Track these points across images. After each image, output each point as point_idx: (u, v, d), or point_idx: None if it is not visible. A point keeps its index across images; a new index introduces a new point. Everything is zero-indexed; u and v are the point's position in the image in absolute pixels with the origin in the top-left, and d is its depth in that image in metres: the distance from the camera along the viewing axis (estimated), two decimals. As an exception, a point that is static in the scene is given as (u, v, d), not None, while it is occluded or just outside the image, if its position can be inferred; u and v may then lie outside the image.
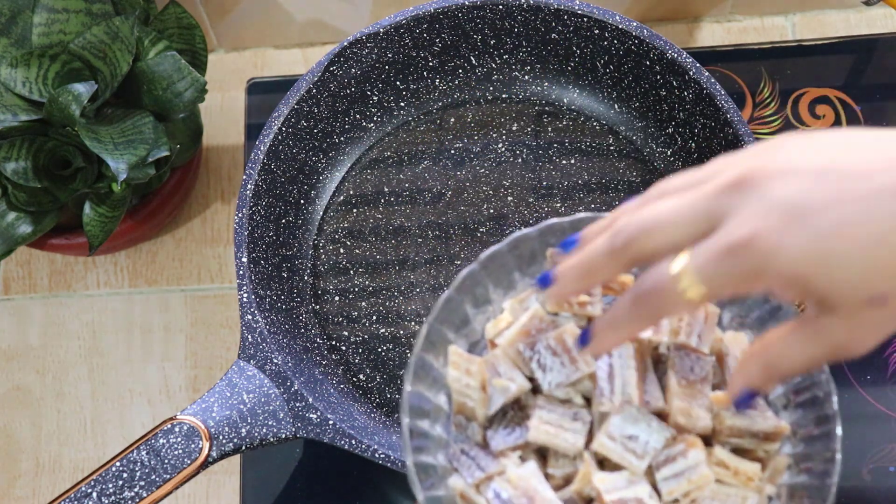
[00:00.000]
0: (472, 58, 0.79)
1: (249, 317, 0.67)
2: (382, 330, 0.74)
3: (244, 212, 0.69)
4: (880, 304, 0.36)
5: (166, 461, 0.61)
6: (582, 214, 0.46)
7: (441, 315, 0.46)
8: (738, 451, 0.45)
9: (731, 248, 0.36)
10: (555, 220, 0.46)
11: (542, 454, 0.45)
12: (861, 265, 0.35)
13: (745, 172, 0.37)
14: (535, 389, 0.45)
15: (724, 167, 0.38)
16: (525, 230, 0.46)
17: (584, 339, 0.42)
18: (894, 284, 0.35)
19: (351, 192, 0.78)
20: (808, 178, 0.36)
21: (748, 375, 0.40)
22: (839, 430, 0.43)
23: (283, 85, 0.81)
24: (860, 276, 0.35)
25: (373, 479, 0.75)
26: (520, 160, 0.78)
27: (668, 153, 0.77)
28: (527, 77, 0.80)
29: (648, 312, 0.39)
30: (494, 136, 0.79)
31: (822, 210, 0.35)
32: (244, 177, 0.71)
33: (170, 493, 0.61)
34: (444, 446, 0.46)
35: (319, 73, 0.73)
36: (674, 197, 0.38)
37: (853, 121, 0.85)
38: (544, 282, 0.42)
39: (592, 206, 0.77)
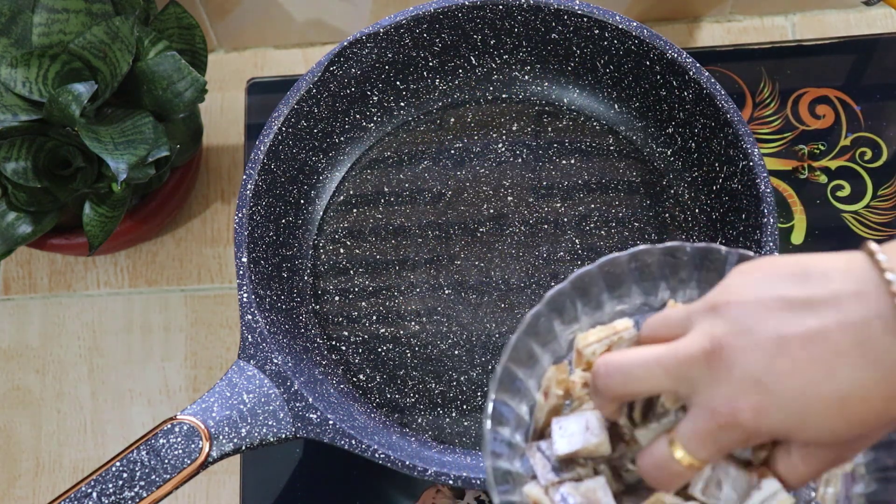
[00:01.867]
0: (472, 58, 0.79)
1: (249, 317, 0.67)
2: (382, 330, 0.74)
3: (244, 212, 0.69)
4: (862, 440, 0.41)
5: (166, 461, 0.61)
6: (673, 244, 0.48)
7: (529, 329, 0.47)
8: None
9: (716, 429, 0.40)
10: (645, 246, 0.48)
11: (616, 468, 0.46)
12: (833, 421, 0.39)
13: (714, 347, 0.40)
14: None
15: (694, 322, 0.42)
16: (615, 254, 0.48)
17: None
18: (865, 427, 0.39)
19: (351, 192, 0.78)
20: (770, 350, 0.39)
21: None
22: None
23: (283, 85, 0.81)
24: (834, 429, 0.39)
25: (373, 479, 0.75)
26: (520, 160, 0.78)
27: (668, 153, 0.77)
28: (527, 77, 0.80)
29: (663, 485, 0.43)
30: (494, 136, 0.79)
31: (789, 381, 0.38)
32: (244, 177, 0.70)
33: (170, 493, 0.61)
34: (522, 455, 0.47)
35: (319, 73, 0.73)
36: (653, 347, 0.42)
37: (853, 120, 0.85)
38: None
39: (592, 205, 0.77)
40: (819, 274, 0.39)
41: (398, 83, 0.79)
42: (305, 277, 0.76)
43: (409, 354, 0.74)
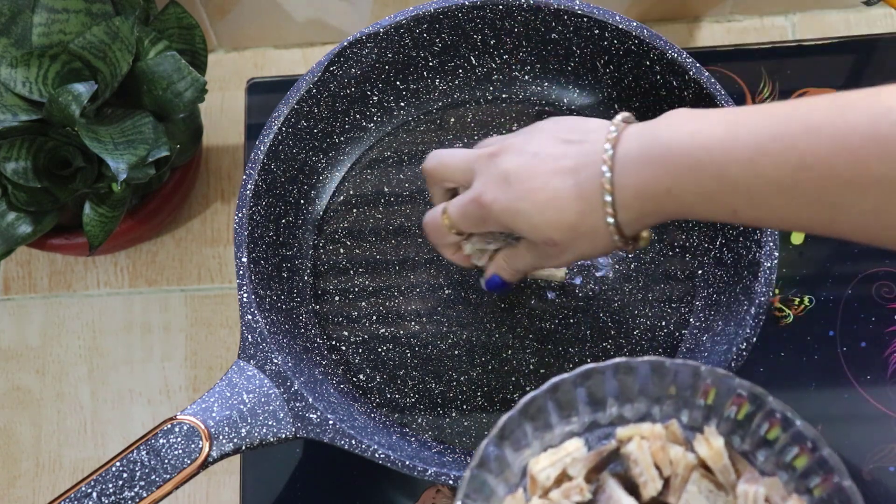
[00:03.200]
0: (472, 58, 0.79)
1: (249, 317, 0.67)
2: (382, 330, 0.74)
3: (244, 212, 0.69)
4: (552, 245, 0.55)
5: (166, 461, 0.61)
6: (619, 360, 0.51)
7: (481, 462, 0.48)
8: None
9: (466, 202, 0.58)
10: (591, 365, 0.50)
11: None
12: (536, 221, 0.54)
13: (498, 148, 0.57)
14: None
15: (496, 143, 0.58)
16: (563, 376, 0.50)
17: (490, 285, 0.65)
18: (558, 234, 0.54)
19: (351, 192, 0.78)
20: (524, 156, 0.54)
21: (494, 268, 0.64)
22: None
23: (283, 85, 0.81)
24: (535, 228, 0.54)
25: (373, 479, 0.75)
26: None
27: (668, 153, 0.77)
28: (527, 77, 0.80)
29: (435, 239, 0.64)
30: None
31: (523, 180, 0.54)
32: (244, 177, 0.70)
33: (170, 493, 0.61)
34: None
35: (319, 73, 0.73)
36: (458, 153, 0.60)
37: (853, 121, 0.85)
38: (494, 285, 0.65)
39: (592, 206, 0.77)
40: (587, 129, 0.54)
41: (398, 83, 0.79)
42: (305, 277, 0.76)
43: (409, 354, 0.74)
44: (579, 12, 0.73)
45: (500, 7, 0.74)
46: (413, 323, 0.74)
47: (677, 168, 0.48)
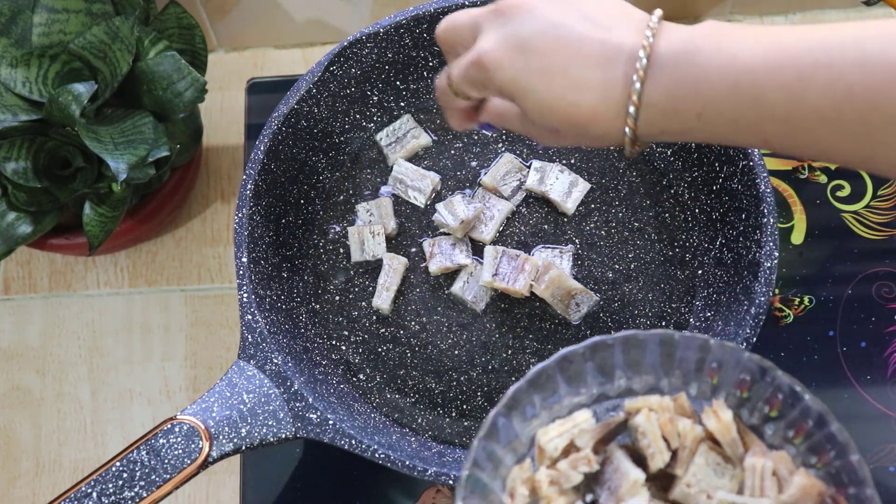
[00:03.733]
0: (472, 58, 0.79)
1: (249, 317, 0.67)
2: (382, 330, 0.74)
3: (244, 212, 0.69)
4: (554, 132, 0.50)
5: (166, 461, 0.61)
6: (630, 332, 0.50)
7: (489, 432, 0.48)
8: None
9: (467, 62, 0.50)
10: (600, 338, 0.49)
11: None
12: (544, 105, 0.48)
13: (504, 5, 0.49)
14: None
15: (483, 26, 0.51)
16: (571, 348, 0.49)
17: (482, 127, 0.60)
18: (564, 125, 0.48)
19: (351, 192, 0.78)
20: (542, 23, 0.47)
21: (486, 115, 0.58)
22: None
23: (283, 85, 0.81)
24: (542, 111, 0.48)
25: (373, 479, 0.75)
26: (519, 161, 0.78)
27: (668, 153, 0.77)
28: (527, 77, 0.80)
29: (443, 102, 0.57)
30: (494, 135, 0.79)
31: (539, 54, 0.47)
32: (244, 177, 0.71)
33: (170, 493, 0.61)
34: None
35: (319, 73, 0.73)
36: (466, 11, 0.53)
37: (853, 121, 0.85)
38: (484, 127, 0.60)
39: (592, 205, 0.77)
40: (617, 14, 0.48)
41: (398, 83, 0.79)
42: (305, 277, 0.76)
43: (409, 354, 0.74)
44: (579, 12, 0.73)
45: (500, 7, 0.74)
46: (413, 323, 0.74)
47: (714, 91, 0.44)
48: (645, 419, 0.47)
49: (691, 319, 0.73)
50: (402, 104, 0.80)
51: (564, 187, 0.76)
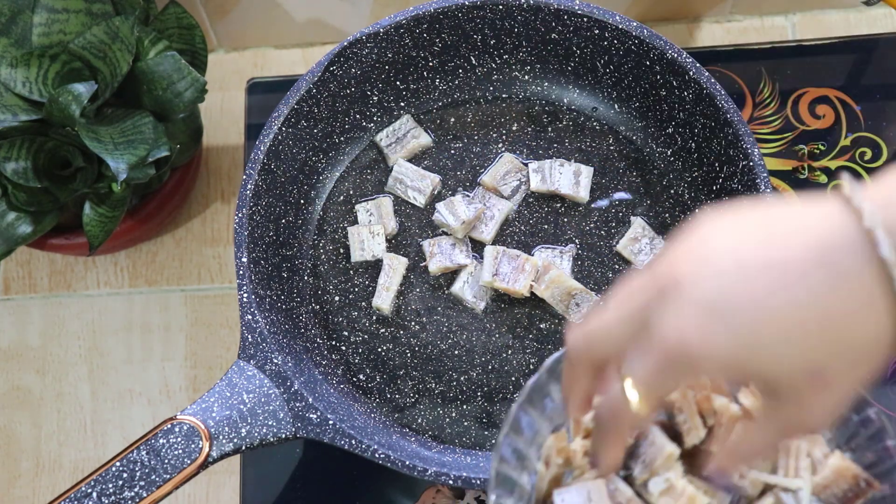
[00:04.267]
0: (472, 58, 0.79)
1: (249, 317, 0.67)
2: (382, 330, 0.74)
3: (244, 212, 0.69)
4: (819, 376, 0.37)
5: (166, 461, 0.61)
6: None
7: (528, 399, 0.48)
8: None
9: (662, 358, 0.38)
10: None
11: None
12: (790, 344, 0.36)
13: (668, 280, 0.38)
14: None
15: (652, 268, 0.40)
16: None
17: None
18: (827, 353, 0.37)
19: (351, 192, 0.78)
20: (725, 276, 0.37)
21: (717, 459, 0.44)
22: None
23: (283, 85, 0.81)
24: (791, 354, 0.37)
25: (373, 479, 0.75)
26: (519, 160, 0.78)
27: (668, 153, 0.77)
28: (527, 77, 0.80)
29: (614, 428, 0.43)
30: (494, 136, 0.79)
31: (742, 306, 0.37)
32: (244, 177, 0.70)
33: (170, 493, 0.61)
34: (528, 499, 0.48)
35: (319, 73, 0.73)
36: (610, 308, 0.41)
37: (853, 120, 0.85)
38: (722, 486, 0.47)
39: (592, 206, 0.77)
40: (780, 215, 0.38)
41: (398, 83, 0.79)
42: (305, 277, 0.76)
43: (409, 354, 0.74)
44: (579, 12, 0.73)
45: (500, 7, 0.74)
46: (413, 323, 0.74)
47: None
48: (681, 395, 0.47)
49: (691, 319, 0.73)
50: (402, 104, 0.80)
51: (570, 178, 0.76)
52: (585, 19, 0.74)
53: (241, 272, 0.68)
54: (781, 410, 0.39)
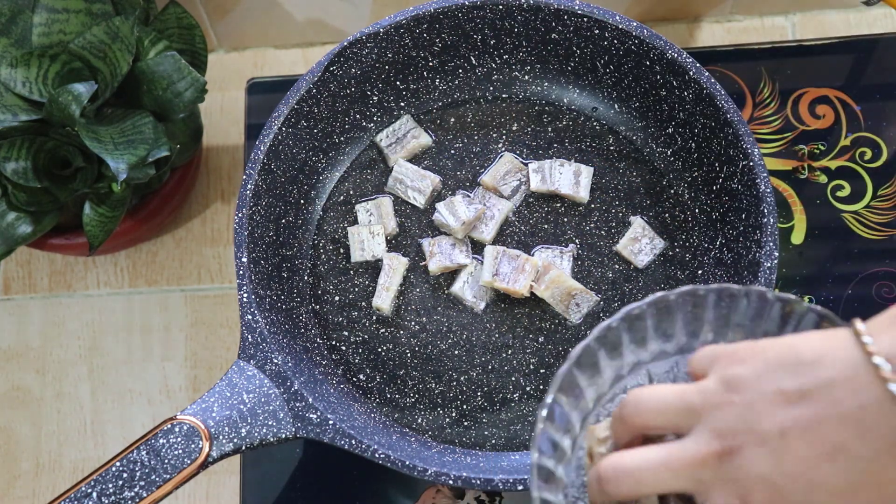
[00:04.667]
0: (472, 58, 0.79)
1: (249, 317, 0.67)
2: (382, 330, 0.74)
3: (244, 212, 0.69)
4: None
5: (166, 461, 0.61)
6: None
7: (577, 363, 0.47)
8: None
9: None
10: (695, 286, 0.48)
11: None
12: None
13: (722, 448, 0.41)
14: None
15: (703, 412, 0.42)
16: (634, 304, 0.48)
17: None
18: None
19: (351, 192, 0.78)
20: (775, 445, 0.40)
21: None
22: None
23: (283, 85, 0.81)
24: None
25: (373, 479, 0.75)
26: (519, 160, 0.78)
27: (668, 153, 0.77)
28: (527, 77, 0.80)
29: None
30: (494, 136, 0.79)
31: (795, 478, 0.39)
32: (244, 177, 0.70)
33: (170, 493, 0.61)
34: (564, 488, 0.48)
35: (319, 73, 0.73)
36: (657, 447, 0.43)
37: (853, 120, 0.85)
38: None
39: (592, 206, 0.77)
40: (810, 361, 0.40)
41: (398, 83, 0.79)
42: (305, 277, 0.76)
43: (409, 354, 0.74)
44: (579, 12, 0.73)
45: (500, 7, 0.74)
46: (413, 323, 0.74)
47: None
48: None
49: (691, 319, 0.73)
50: (402, 104, 0.80)
51: (571, 178, 0.76)
52: (585, 19, 0.74)
53: (241, 272, 0.68)
54: None
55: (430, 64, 0.78)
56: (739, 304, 0.48)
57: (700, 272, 0.74)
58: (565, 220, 0.76)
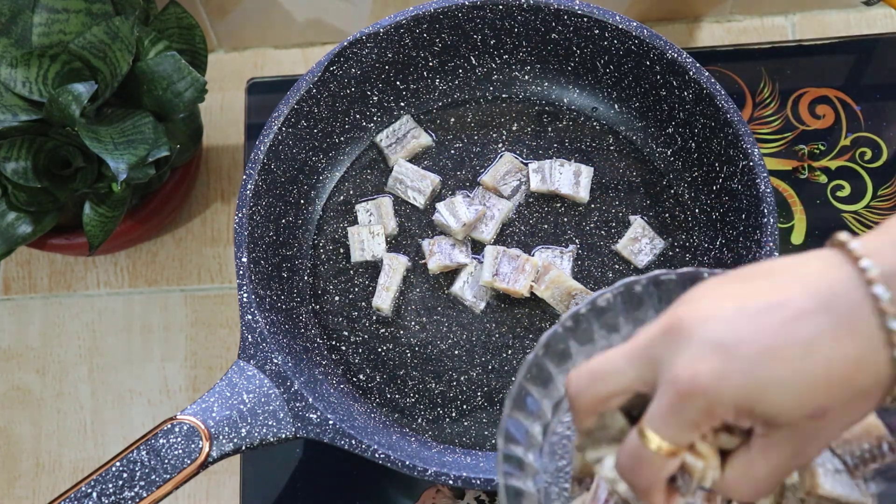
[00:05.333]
0: (472, 58, 0.79)
1: (249, 317, 0.67)
2: (382, 330, 0.74)
3: (244, 212, 0.69)
4: (820, 416, 0.38)
5: (166, 461, 0.61)
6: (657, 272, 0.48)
7: (546, 350, 0.47)
8: None
9: (678, 399, 0.39)
10: (631, 278, 0.48)
11: None
12: (795, 385, 0.38)
13: (673, 321, 0.40)
14: None
15: (657, 320, 0.41)
16: (603, 291, 0.48)
17: None
18: (829, 397, 0.38)
19: (351, 192, 0.78)
20: (731, 317, 0.38)
21: (726, 491, 0.43)
22: None
23: (283, 85, 0.81)
24: (797, 395, 0.38)
25: (373, 479, 0.75)
26: (519, 160, 0.78)
27: (668, 153, 0.77)
28: (527, 77, 0.80)
29: (642, 482, 0.41)
30: (494, 136, 0.79)
31: (749, 342, 0.38)
32: (244, 177, 0.71)
33: (170, 493, 0.61)
34: (534, 474, 0.48)
35: (319, 73, 0.73)
36: (615, 349, 0.42)
37: (853, 120, 0.85)
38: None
39: (592, 205, 0.77)
40: (774, 268, 0.40)
41: (398, 83, 0.79)
42: (305, 277, 0.76)
43: (409, 354, 0.74)
44: (579, 12, 0.73)
45: (500, 7, 0.74)
46: (413, 323, 0.74)
47: None
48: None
49: (691, 319, 0.73)
50: (402, 104, 0.80)
51: (570, 178, 0.76)
52: (585, 19, 0.74)
53: (241, 272, 0.68)
54: (780, 444, 0.40)
55: (430, 64, 0.78)
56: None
57: (700, 272, 0.74)
58: (565, 220, 0.76)
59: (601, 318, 0.48)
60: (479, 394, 0.72)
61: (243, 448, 0.63)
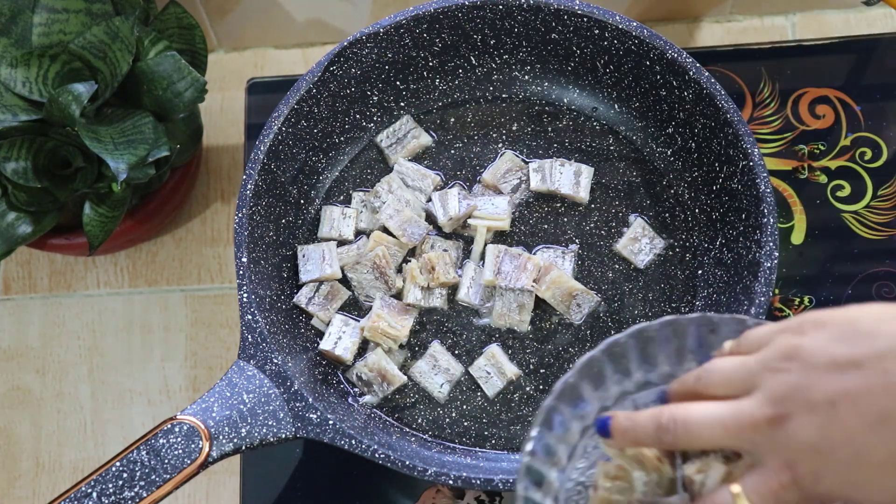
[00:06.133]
0: (472, 58, 0.79)
1: (249, 317, 0.67)
2: (382, 330, 0.74)
3: (244, 212, 0.69)
4: None
5: (166, 461, 0.61)
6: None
7: (561, 395, 0.48)
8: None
9: (778, 489, 0.43)
10: (645, 324, 0.49)
11: None
12: (886, 481, 0.41)
13: (775, 414, 0.42)
14: None
15: (761, 379, 0.43)
16: (616, 336, 0.49)
17: (602, 429, 0.48)
18: None
19: (351, 192, 0.78)
20: (824, 416, 0.41)
21: None
22: None
23: (283, 85, 0.81)
24: (887, 493, 0.41)
25: (373, 479, 0.75)
26: (520, 159, 0.78)
27: (668, 153, 0.77)
28: (527, 77, 0.80)
29: None
30: (494, 136, 0.79)
31: (841, 446, 0.41)
32: (244, 177, 0.71)
33: (170, 493, 0.61)
34: (555, 493, 0.48)
35: (319, 73, 0.73)
36: (716, 406, 0.44)
37: (853, 120, 0.85)
38: (602, 428, 0.48)
39: (592, 206, 0.77)
40: (867, 332, 0.41)
41: (398, 83, 0.79)
42: (305, 277, 0.76)
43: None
44: (579, 12, 0.73)
45: (500, 7, 0.74)
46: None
47: None
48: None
49: (691, 319, 0.73)
50: (402, 104, 0.80)
51: (571, 178, 0.76)
52: (585, 19, 0.74)
53: (241, 272, 0.68)
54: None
55: (430, 64, 0.78)
56: (720, 331, 0.49)
57: (700, 272, 0.74)
58: (565, 220, 0.76)
59: (614, 362, 0.49)
60: (479, 394, 0.72)
61: (243, 448, 0.63)
